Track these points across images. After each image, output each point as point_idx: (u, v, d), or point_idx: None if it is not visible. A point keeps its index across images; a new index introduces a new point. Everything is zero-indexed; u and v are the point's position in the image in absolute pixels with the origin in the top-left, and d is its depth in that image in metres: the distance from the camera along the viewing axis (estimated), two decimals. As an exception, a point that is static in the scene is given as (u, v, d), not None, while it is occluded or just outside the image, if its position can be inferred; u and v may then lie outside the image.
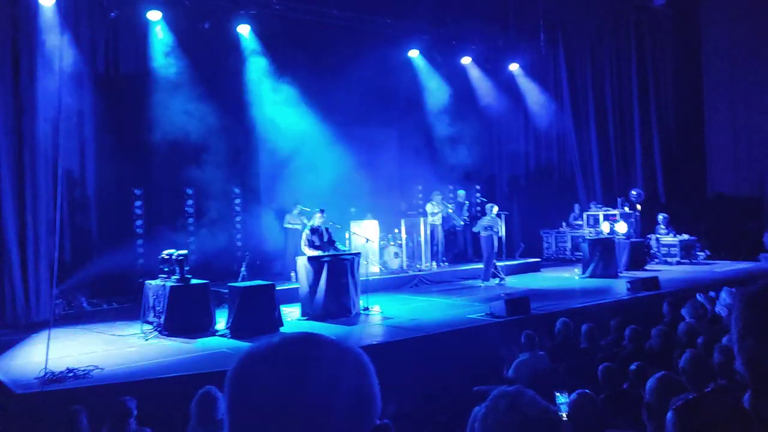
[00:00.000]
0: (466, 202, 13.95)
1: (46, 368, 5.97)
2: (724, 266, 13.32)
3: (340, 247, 9.64)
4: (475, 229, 12.35)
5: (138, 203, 11.01)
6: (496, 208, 12.00)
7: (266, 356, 0.97)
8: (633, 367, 4.77)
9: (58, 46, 9.13)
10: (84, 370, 6.24)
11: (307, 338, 1.00)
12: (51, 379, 5.95)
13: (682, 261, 14.19)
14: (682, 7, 17.29)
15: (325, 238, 9.44)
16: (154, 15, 10.95)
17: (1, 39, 9.02)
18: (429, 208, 13.36)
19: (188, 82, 10.84)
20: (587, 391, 3.58)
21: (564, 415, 3.59)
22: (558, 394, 4.59)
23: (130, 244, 10.74)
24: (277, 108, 11.84)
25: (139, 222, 11.02)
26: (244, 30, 12.04)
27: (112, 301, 10.20)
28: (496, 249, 11.94)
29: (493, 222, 11.90)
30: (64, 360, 6.54)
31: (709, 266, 13.58)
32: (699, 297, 7.91)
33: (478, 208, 12.46)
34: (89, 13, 10.27)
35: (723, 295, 7.88)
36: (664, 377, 3.04)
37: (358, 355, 1.00)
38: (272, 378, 0.93)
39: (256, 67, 12.11)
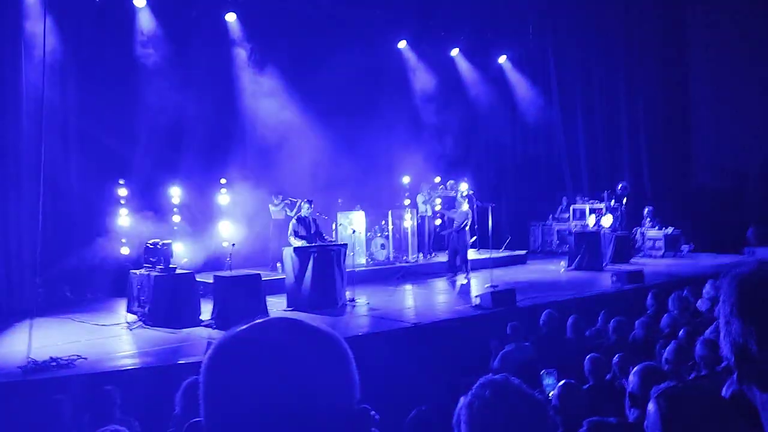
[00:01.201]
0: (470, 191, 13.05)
1: (28, 357, 5.91)
2: (708, 259, 13.45)
3: (327, 238, 9.62)
4: (458, 226, 11.49)
5: (122, 192, 10.90)
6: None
7: (244, 342, 0.95)
8: (616, 359, 4.80)
9: (41, 34, 8.99)
10: (67, 360, 6.18)
11: (285, 323, 0.97)
12: (34, 368, 5.89)
13: (667, 254, 14.30)
14: (669, 1, 17.37)
15: (312, 230, 9.41)
16: (139, 2, 10.83)
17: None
18: (419, 198, 13.36)
19: (174, 70, 10.75)
20: (572, 381, 3.60)
21: (550, 393, 3.61)
22: (545, 374, 4.63)
23: (114, 232, 10.64)
24: (264, 97, 11.79)
25: (123, 211, 10.91)
26: (230, 18, 11.95)
27: (96, 290, 10.11)
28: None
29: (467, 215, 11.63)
30: (47, 349, 6.47)
31: (693, 259, 13.71)
32: (685, 291, 7.97)
33: (478, 203, 12.18)
34: (73, 0, 10.11)
35: (707, 288, 7.95)
36: (647, 368, 3.06)
37: (337, 340, 0.98)
38: (249, 364, 0.91)
39: (243, 56, 12.03)
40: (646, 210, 14.95)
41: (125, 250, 10.46)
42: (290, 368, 0.90)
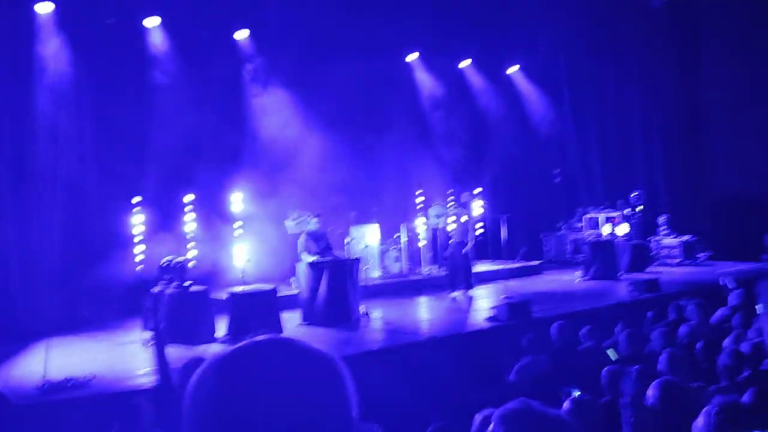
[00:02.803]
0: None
1: (45, 377, 5.94)
2: (726, 267, 13.27)
3: (337, 253, 9.61)
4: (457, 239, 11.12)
5: (137, 209, 10.98)
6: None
7: (232, 361, 0.92)
8: (634, 371, 4.73)
9: (55, 54, 9.15)
10: (84, 379, 6.21)
11: (276, 343, 0.96)
12: (50, 388, 5.92)
13: (684, 262, 14.14)
14: (681, 7, 17.29)
15: (323, 244, 9.41)
16: (151, 22, 10.97)
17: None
18: (431, 211, 13.33)
19: (186, 87, 10.85)
20: (586, 396, 3.55)
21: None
22: (569, 390, 4.56)
23: (130, 250, 10.71)
24: (275, 112, 11.86)
25: (139, 229, 10.98)
26: (240, 35, 12.07)
27: (113, 308, 10.17)
28: None
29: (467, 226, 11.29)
30: (64, 368, 6.51)
31: (710, 267, 13.53)
32: (703, 300, 7.84)
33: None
34: (86, 21, 10.25)
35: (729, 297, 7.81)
36: (667, 382, 3.01)
37: (330, 359, 0.95)
38: (238, 384, 0.89)
39: (253, 72, 12.13)
40: (661, 218, 14.81)
41: (141, 268, 10.52)
42: (280, 389, 0.88)
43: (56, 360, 6.55)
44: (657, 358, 4.79)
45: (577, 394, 4.54)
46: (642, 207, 14.85)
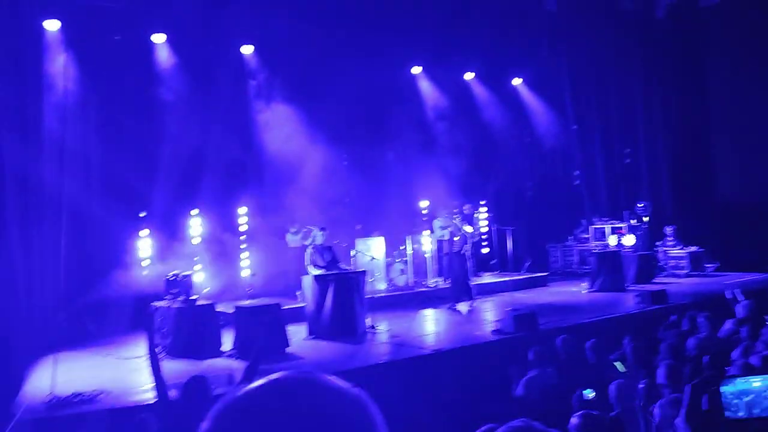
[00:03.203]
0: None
1: (52, 393, 5.95)
2: (735, 278, 13.19)
3: (343, 266, 9.61)
4: (457, 249, 11.14)
5: (143, 225, 11.04)
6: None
7: (252, 403, 0.85)
8: (642, 384, 4.72)
9: (62, 71, 9.24)
10: (90, 394, 6.21)
11: (298, 381, 0.87)
12: (58, 403, 5.93)
13: (692, 273, 14.07)
14: (684, 18, 17.31)
15: (329, 257, 9.41)
16: (158, 38, 11.07)
17: (6, 65, 9.12)
18: (436, 223, 13.31)
19: (191, 103, 10.93)
20: (593, 412, 3.52)
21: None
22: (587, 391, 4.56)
23: (135, 265, 10.75)
24: (279, 126, 11.91)
25: (144, 243, 11.04)
26: (246, 50, 12.15)
27: (118, 323, 10.18)
28: None
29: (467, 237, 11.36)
30: (71, 384, 6.51)
31: (718, 278, 13.45)
32: (710, 312, 7.79)
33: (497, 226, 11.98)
34: (93, 38, 10.35)
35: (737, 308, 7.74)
36: (677, 401, 2.98)
37: (359, 398, 0.88)
38: (259, 428, 0.82)
39: (258, 86, 12.21)
40: (668, 229, 14.75)
41: (146, 282, 10.54)
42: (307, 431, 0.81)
43: (63, 375, 6.56)
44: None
45: (591, 395, 4.52)
46: (648, 218, 14.80)
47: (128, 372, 7.47)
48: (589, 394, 4.64)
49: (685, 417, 1.38)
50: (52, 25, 9.76)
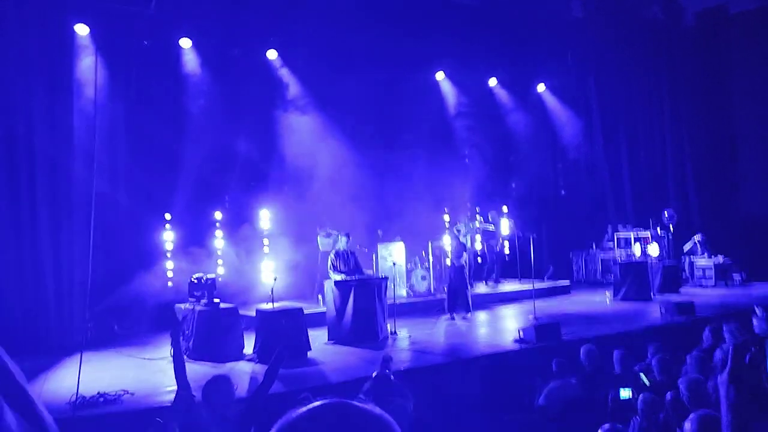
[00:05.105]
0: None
1: (77, 393, 6.02)
2: (763, 289, 12.95)
3: (366, 271, 9.60)
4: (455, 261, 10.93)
5: (168, 227, 11.16)
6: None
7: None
8: (669, 397, 4.64)
9: (92, 74, 9.39)
10: (114, 395, 6.28)
11: (332, 409, 0.93)
12: (82, 403, 6.00)
13: (719, 284, 13.84)
14: (712, 28, 17.08)
15: (351, 263, 9.42)
16: (185, 43, 11.22)
17: (38, 67, 9.30)
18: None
19: (218, 106, 11.05)
20: (619, 426, 3.48)
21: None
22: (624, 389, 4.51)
23: (160, 267, 10.87)
24: (304, 131, 11.98)
25: (169, 246, 11.16)
26: (271, 55, 12.24)
27: (143, 324, 10.30)
28: None
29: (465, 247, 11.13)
30: (96, 384, 6.59)
31: (746, 289, 13.21)
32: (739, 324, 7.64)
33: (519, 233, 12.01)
34: (122, 42, 10.51)
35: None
36: (706, 416, 2.92)
37: (389, 424, 0.92)
38: None
39: (283, 91, 12.29)
40: (697, 237, 14.51)
41: (171, 285, 10.66)
42: None
43: (88, 375, 6.63)
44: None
45: (647, 381, 4.46)
46: (673, 227, 14.60)
47: (152, 373, 7.54)
48: (626, 392, 4.58)
49: (728, 376, 1.38)
50: (82, 30, 9.94)
